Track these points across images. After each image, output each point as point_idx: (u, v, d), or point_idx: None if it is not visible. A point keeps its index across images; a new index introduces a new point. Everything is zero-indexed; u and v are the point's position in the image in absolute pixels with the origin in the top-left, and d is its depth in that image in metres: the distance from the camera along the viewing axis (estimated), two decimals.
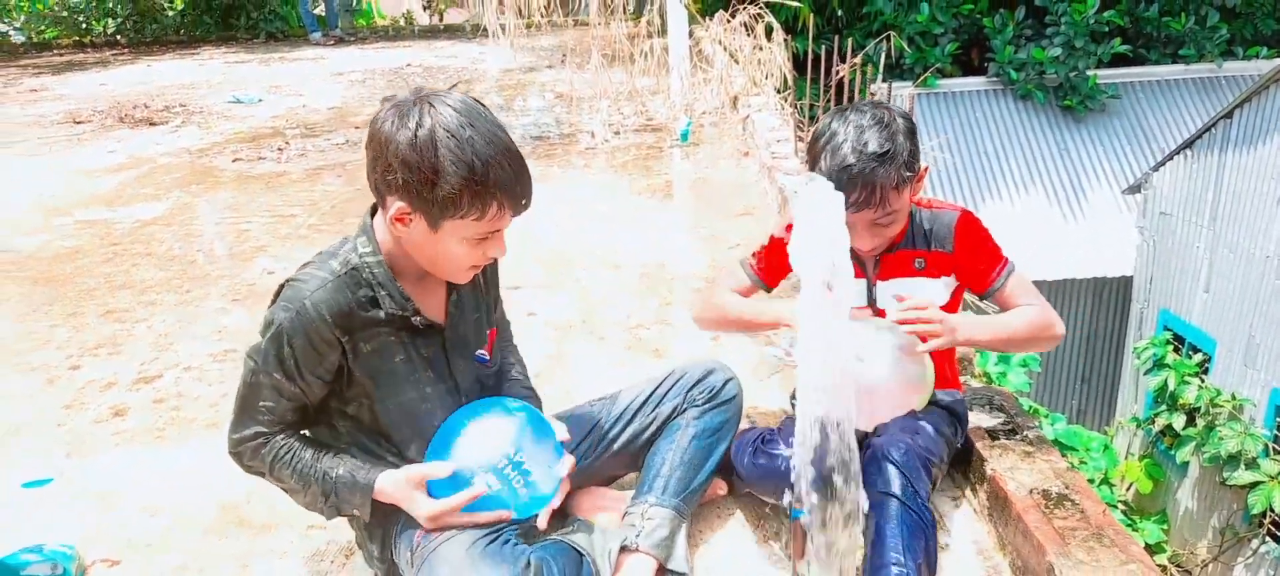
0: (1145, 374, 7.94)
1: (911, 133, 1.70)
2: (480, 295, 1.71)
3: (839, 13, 10.64)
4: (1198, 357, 7.96)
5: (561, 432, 1.65)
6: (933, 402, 1.80)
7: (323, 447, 1.57)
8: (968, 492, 1.90)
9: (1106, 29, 10.39)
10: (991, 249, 1.80)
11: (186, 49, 11.11)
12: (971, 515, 1.85)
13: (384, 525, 1.60)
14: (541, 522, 1.59)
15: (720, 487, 1.91)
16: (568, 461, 1.63)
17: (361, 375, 1.52)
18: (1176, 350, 8.09)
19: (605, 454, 1.82)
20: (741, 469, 1.84)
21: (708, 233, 3.79)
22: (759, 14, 5.74)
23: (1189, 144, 8.24)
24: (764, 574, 1.73)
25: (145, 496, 2.09)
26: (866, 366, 1.73)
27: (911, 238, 1.81)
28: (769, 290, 2.01)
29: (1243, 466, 7.00)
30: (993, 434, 1.90)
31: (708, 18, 6.28)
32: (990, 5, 10.84)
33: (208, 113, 7.07)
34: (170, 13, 12.45)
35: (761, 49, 5.76)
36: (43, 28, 13.23)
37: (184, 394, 2.58)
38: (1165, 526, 7.49)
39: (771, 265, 1.95)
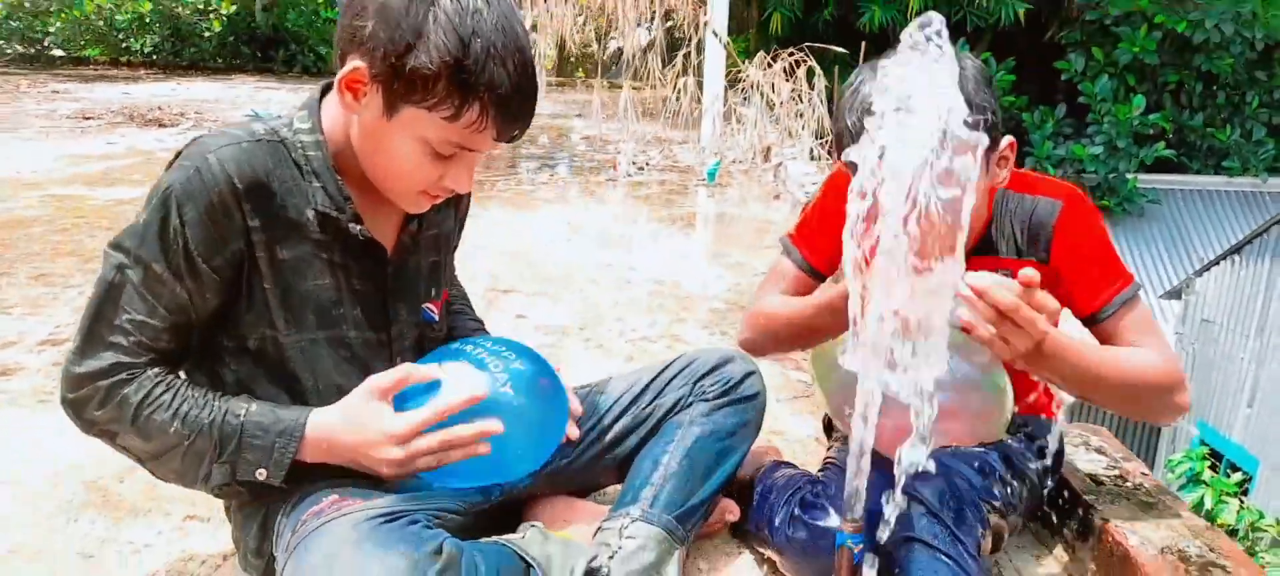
0: (1179, 491, 7.35)
1: (988, 82, 1.19)
2: (442, 240, 1.30)
3: None
4: (1237, 476, 7.37)
5: (574, 405, 1.29)
6: (1010, 429, 1.34)
7: (233, 383, 1.14)
8: (1059, 550, 1.43)
9: (1151, 132, 10.08)
10: (1108, 257, 1.28)
11: (221, 74, 11.02)
12: None
13: (265, 509, 1.16)
14: (573, 432, 1.27)
15: (730, 511, 1.44)
16: (572, 430, 1.26)
17: (271, 291, 1.10)
18: (1213, 467, 7.51)
19: (584, 455, 1.38)
20: (773, 534, 1.33)
21: (730, 261, 3.38)
22: (801, 59, 5.43)
23: (1238, 249, 7.81)
24: None
25: (2, 465, 1.66)
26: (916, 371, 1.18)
27: (991, 239, 1.31)
28: (822, 278, 1.47)
29: None
30: (1095, 480, 1.44)
31: (747, 61, 5.98)
32: (1030, 101, 10.58)
33: (222, 122, 6.82)
34: (208, 37, 12.41)
35: (800, 97, 5.43)
36: (82, 43, 13.25)
37: None
38: None
39: (819, 231, 1.42)
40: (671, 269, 3.21)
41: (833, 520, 1.25)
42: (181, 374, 1.13)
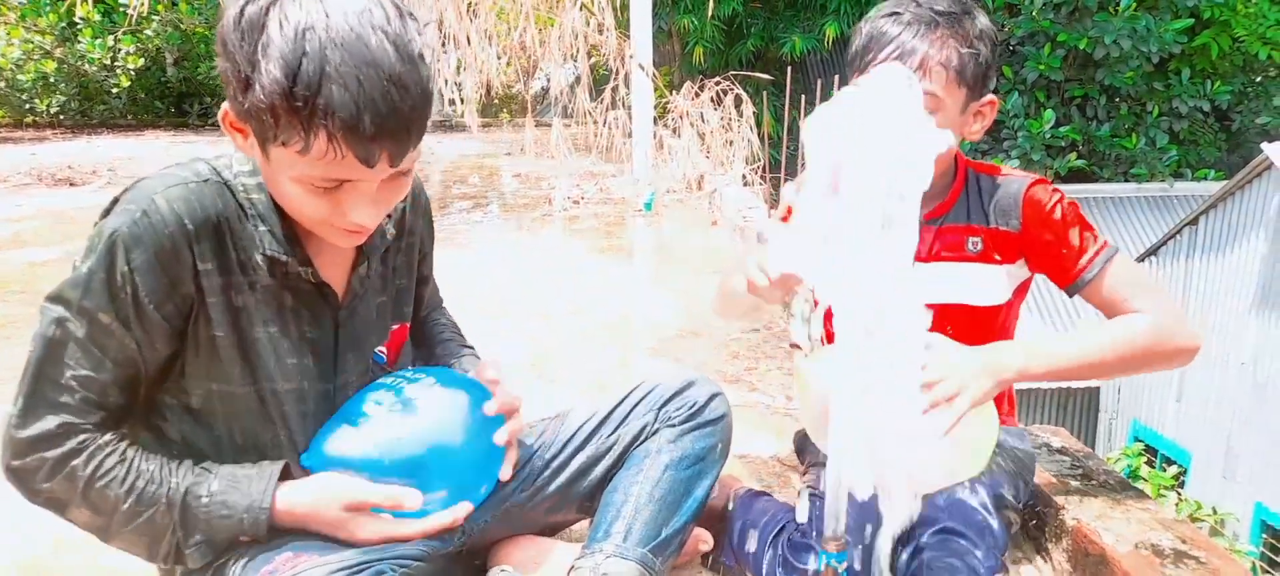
0: None
1: (993, 40, 1.27)
2: (389, 274, 1.23)
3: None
4: (1172, 470, 7.64)
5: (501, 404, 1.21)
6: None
7: (169, 453, 1.05)
8: (1032, 554, 1.43)
9: (1062, 144, 10.52)
10: (1080, 223, 1.32)
11: (133, 131, 10.63)
12: None
13: (213, 572, 1.08)
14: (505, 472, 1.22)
15: (703, 540, 1.40)
16: (507, 429, 1.20)
17: (222, 339, 1.02)
18: (1150, 463, 7.77)
19: (546, 490, 1.32)
20: (761, 572, 1.31)
21: (678, 288, 3.37)
22: (728, 87, 5.50)
23: (1154, 251, 8.16)
24: None
25: None
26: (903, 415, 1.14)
27: (964, 206, 1.35)
28: None
29: None
30: (1062, 481, 1.45)
31: (674, 91, 6.03)
32: None
33: (137, 177, 6.56)
34: (117, 93, 11.97)
35: (730, 125, 5.49)
36: None
37: None
38: None
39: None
40: (619, 300, 3.18)
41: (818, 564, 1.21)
42: (130, 444, 1.03)
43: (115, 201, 1.00)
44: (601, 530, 1.24)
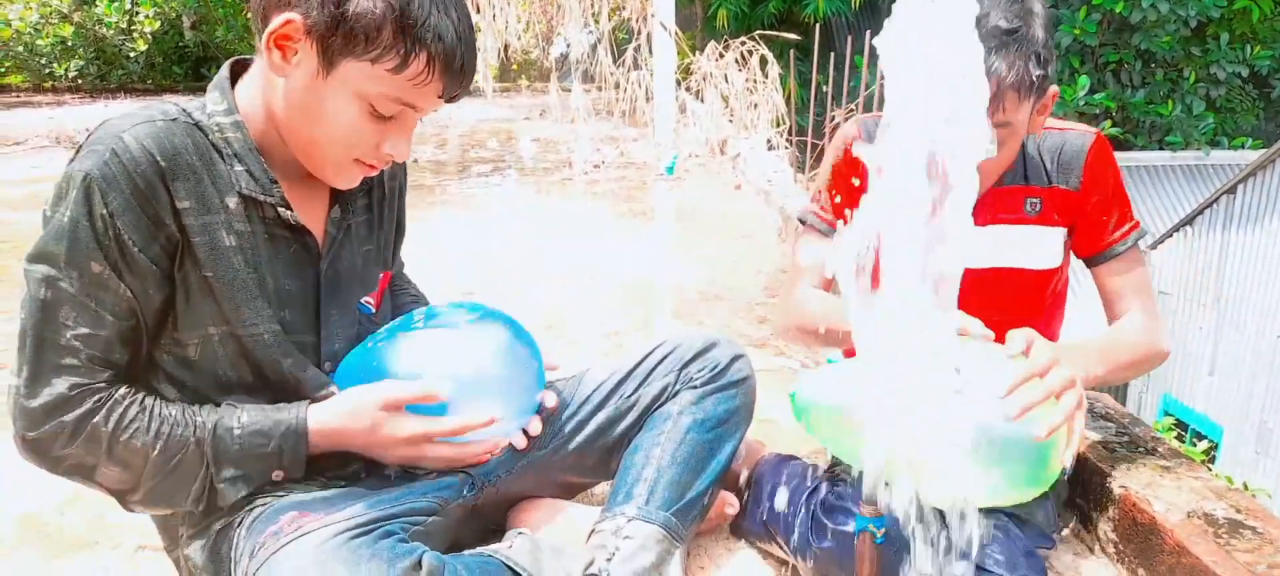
0: None
1: (1054, 26, 1.23)
2: (375, 221, 1.19)
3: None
4: (1203, 445, 7.50)
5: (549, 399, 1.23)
6: None
7: (176, 399, 1.02)
8: (1076, 523, 1.36)
9: (1097, 111, 10.26)
10: (1125, 196, 1.29)
11: (151, 94, 10.63)
12: (1089, 555, 1.30)
13: (214, 533, 1.03)
14: (519, 441, 1.19)
15: (728, 503, 1.34)
16: (549, 396, 1.22)
17: (213, 280, 0.98)
18: (1180, 438, 7.63)
19: (565, 451, 1.27)
20: (793, 539, 1.21)
21: (700, 253, 3.29)
22: (753, 48, 5.37)
23: (1189, 221, 7.95)
24: None
25: None
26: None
27: (1021, 168, 1.28)
28: None
29: None
30: (1107, 447, 1.37)
31: (698, 52, 5.91)
32: None
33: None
34: (134, 57, 11.96)
35: (754, 87, 5.37)
36: (3, 70, 12.71)
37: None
38: None
39: (838, 191, 1.35)
40: (640, 264, 3.11)
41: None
42: (147, 393, 1.00)
43: (79, 147, 0.95)
44: (623, 492, 1.19)
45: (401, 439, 1.04)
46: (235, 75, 1.05)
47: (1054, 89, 1.22)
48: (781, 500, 1.26)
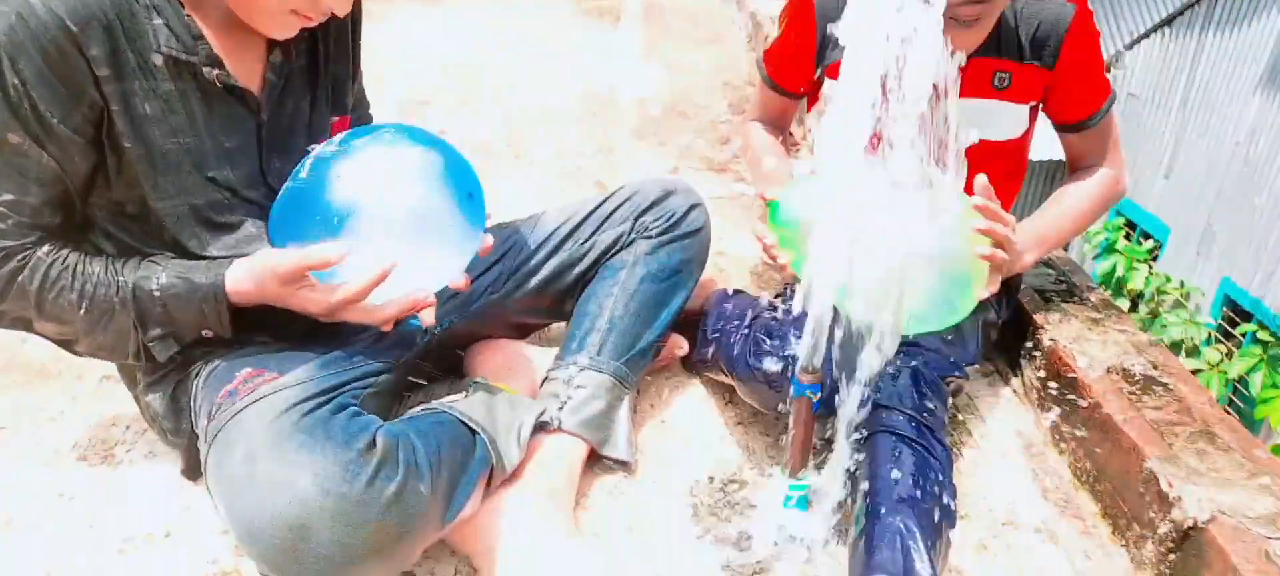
0: (1094, 259, 7.72)
1: None
2: (323, 62, 1.11)
3: None
4: (1149, 244, 7.77)
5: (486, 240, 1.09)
6: None
7: (115, 254, 1.00)
8: (1006, 370, 1.44)
9: None
10: (1100, 70, 1.27)
11: None
12: (1014, 400, 1.39)
13: (173, 384, 1.06)
14: (428, 318, 1.04)
15: (678, 346, 1.40)
16: (487, 239, 1.07)
17: (133, 150, 0.94)
18: (1128, 236, 7.88)
19: (518, 292, 1.29)
20: (732, 365, 1.26)
21: (666, 61, 3.20)
22: None
23: (1168, 21, 7.81)
24: (742, 468, 1.25)
25: None
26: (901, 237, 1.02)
27: (995, 41, 1.24)
28: (796, 98, 1.47)
29: (1184, 354, 6.93)
30: (1043, 295, 1.43)
31: None
32: None
33: None
34: None
35: None
36: None
37: None
38: None
39: (787, 58, 1.40)
40: (602, 72, 3.02)
41: (796, 348, 1.19)
42: (72, 250, 0.98)
43: None
44: (575, 342, 1.23)
45: (314, 308, 0.99)
46: None
47: None
48: (722, 325, 1.30)
